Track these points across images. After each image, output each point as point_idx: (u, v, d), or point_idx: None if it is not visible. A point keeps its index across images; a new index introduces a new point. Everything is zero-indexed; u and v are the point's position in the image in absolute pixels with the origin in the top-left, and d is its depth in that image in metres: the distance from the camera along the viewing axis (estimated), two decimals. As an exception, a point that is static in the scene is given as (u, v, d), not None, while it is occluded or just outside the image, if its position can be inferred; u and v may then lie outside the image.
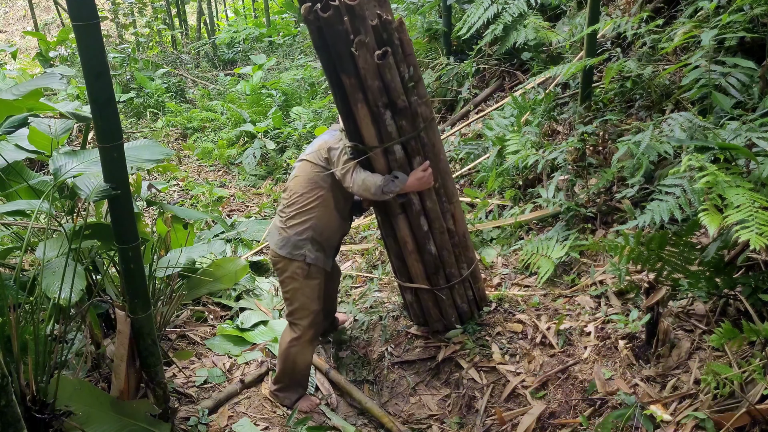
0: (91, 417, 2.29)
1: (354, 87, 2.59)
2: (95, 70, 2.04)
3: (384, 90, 2.60)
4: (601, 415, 2.46)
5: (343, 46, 2.49)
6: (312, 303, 2.90)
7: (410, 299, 3.29)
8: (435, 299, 3.18)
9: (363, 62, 2.51)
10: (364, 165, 2.75)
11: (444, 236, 3.00)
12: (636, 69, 3.61)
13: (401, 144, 2.73)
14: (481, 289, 3.30)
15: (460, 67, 5.51)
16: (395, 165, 2.76)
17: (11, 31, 14.46)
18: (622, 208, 3.31)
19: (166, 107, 8.36)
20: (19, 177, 2.82)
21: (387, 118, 2.65)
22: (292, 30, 10.03)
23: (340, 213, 2.88)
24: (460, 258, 3.13)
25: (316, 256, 2.84)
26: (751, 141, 2.42)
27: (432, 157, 2.83)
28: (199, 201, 5.82)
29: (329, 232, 2.87)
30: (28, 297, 2.36)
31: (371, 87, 2.58)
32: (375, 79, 2.56)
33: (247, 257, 4.38)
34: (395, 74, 2.60)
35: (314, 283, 2.89)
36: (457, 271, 3.12)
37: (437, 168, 2.88)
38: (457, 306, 3.22)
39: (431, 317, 3.24)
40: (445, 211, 2.99)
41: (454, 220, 3.05)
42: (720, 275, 2.45)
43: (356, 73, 2.55)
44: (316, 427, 2.86)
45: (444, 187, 2.96)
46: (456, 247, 3.08)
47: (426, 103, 2.80)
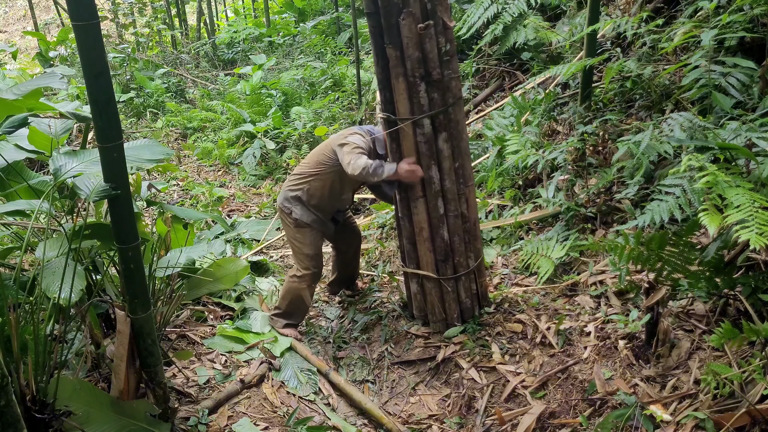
0: (91, 417, 2.28)
1: (397, 60, 2.80)
2: (95, 70, 2.04)
3: (422, 60, 2.80)
4: (601, 415, 2.46)
5: (393, 18, 2.73)
6: (304, 248, 3.40)
7: (415, 290, 3.30)
8: (440, 291, 3.19)
9: (407, 31, 2.73)
10: (391, 136, 2.98)
11: (458, 221, 3.11)
12: (636, 69, 3.61)
13: (430, 118, 2.90)
14: (484, 285, 3.31)
15: (460, 67, 5.51)
16: (422, 139, 2.93)
17: (11, 31, 14.46)
18: (622, 208, 3.31)
19: (166, 107, 8.36)
20: (19, 177, 2.82)
21: (421, 90, 2.84)
22: (292, 30, 10.03)
23: (332, 191, 3.33)
24: (470, 247, 3.18)
25: (301, 214, 3.36)
26: (751, 141, 2.43)
27: (456, 135, 2.99)
28: (199, 201, 5.83)
29: (317, 201, 3.35)
30: (28, 297, 2.36)
31: (411, 56, 2.78)
32: (416, 50, 2.77)
33: (247, 257, 4.38)
34: (434, 45, 2.80)
35: (304, 231, 3.38)
36: (465, 261, 3.17)
37: (459, 147, 3.02)
38: (461, 301, 3.22)
39: (433, 313, 3.25)
40: (461, 193, 3.09)
41: (468, 205, 3.15)
42: (720, 275, 2.45)
43: (400, 43, 2.77)
44: (316, 427, 2.86)
45: (462, 168, 3.07)
46: (467, 233, 3.16)
47: (457, 79, 2.96)
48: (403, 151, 3.00)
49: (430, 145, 2.94)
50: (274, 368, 3.23)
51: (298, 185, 3.35)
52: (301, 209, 3.36)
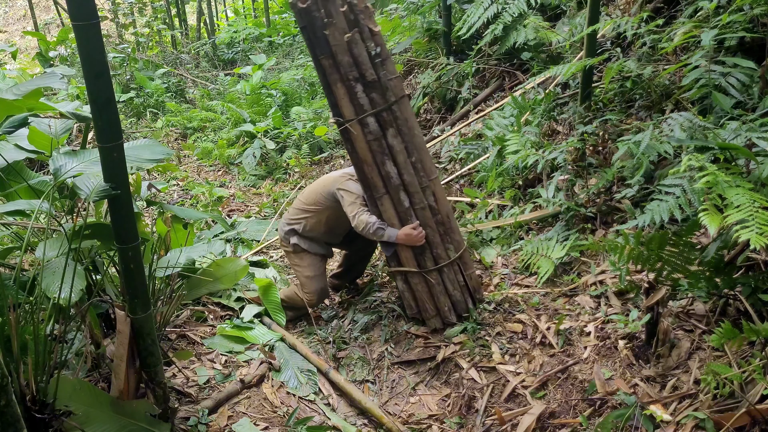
0: (91, 417, 2.28)
1: (331, 67, 3.01)
2: (95, 70, 2.04)
3: (354, 65, 3.00)
4: (601, 415, 2.46)
5: (319, 30, 2.96)
6: (304, 270, 3.61)
7: (402, 287, 3.33)
8: (426, 285, 3.23)
9: (333, 40, 2.95)
10: (345, 138, 3.16)
11: (426, 212, 3.19)
12: (636, 69, 3.61)
13: (374, 116, 3.06)
14: (473, 278, 3.32)
15: (460, 67, 5.51)
16: (371, 137, 3.08)
17: (11, 31, 14.46)
18: (622, 208, 3.31)
19: (166, 107, 8.36)
20: (19, 177, 2.82)
21: (359, 91, 3.02)
22: (292, 30, 10.03)
23: (329, 228, 3.54)
24: (446, 239, 3.24)
25: (298, 241, 3.57)
26: (751, 141, 2.43)
27: (406, 131, 3.13)
28: (199, 201, 5.83)
29: (314, 235, 3.57)
30: (28, 297, 2.36)
31: (342, 62, 2.98)
32: (345, 55, 2.98)
33: (247, 257, 4.38)
34: (362, 49, 3.00)
35: (302, 255, 3.60)
36: (444, 253, 3.23)
37: (412, 143, 3.16)
38: (450, 294, 3.25)
39: (425, 310, 3.26)
40: (425, 186, 3.19)
41: (436, 198, 3.24)
42: (720, 275, 2.45)
43: (330, 52, 2.98)
44: (316, 427, 2.86)
45: (421, 162, 3.18)
46: (440, 225, 3.23)
47: (396, 80, 3.11)
48: (357, 150, 3.12)
49: (380, 142, 3.08)
50: (274, 368, 3.23)
51: (297, 220, 3.56)
52: (297, 238, 3.58)
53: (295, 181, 6.22)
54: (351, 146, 3.14)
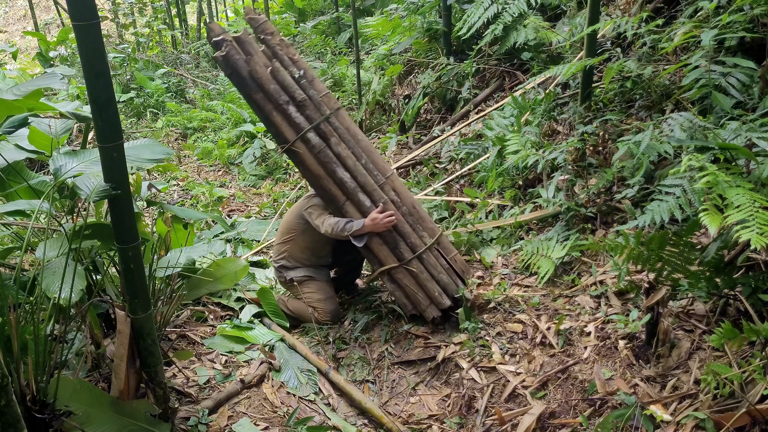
0: (91, 417, 2.28)
1: (263, 99, 3.25)
2: (95, 70, 2.04)
3: (281, 89, 3.24)
4: (601, 415, 2.46)
5: (244, 71, 3.23)
6: (314, 294, 3.62)
7: (392, 288, 3.37)
8: (411, 276, 3.28)
9: (257, 73, 3.22)
10: (296, 160, 3.36)
11: (389, 206, 3.33)
12: (636, 69, 3.61)
13: (313, 130, 3.27)
14: (458, 261, 3.38)
15: (460, 67, 5.51)
16: (316, 150, 3.26)
17: (11, 31, 14.46)
18: (622, 208, 3.31)
19: (166, 107, 8.36)
20: (19, 177, 2.82)
21: (292, 112, 3.25)
22: (292, 30, 10.03)
23: (311, 250, 3.61)
24: (417, 227, 3.34)
25: (294, 274, 3.63)
26: (751, 141, 2.42)
27: (350, 138, 3.35)
28: (199, 201, 5.83)
29: (301, 262, 3.64)
30: (28, 297, 2.36)
31: (270, 90, 3.22)
32: (271, 83, 3.23)
33: (247, 257, 4.38)
34: (285, 75, 3.27)
35: (306, 284, 3.63)
36: (419, 241, 3.31)
37: (359, 147, 3.37)
38: (436, 278, 3.29)
39: (419, 302, 3.28)
40: (381, 183, 3.37)
41: (397, 192, 3.40)
42: (720, 275, 2.45)
43: (258, 85, 3.23)
44: (316, 427, 2.86)
45: (372, 163, 3.38)
46: (407, 216, 3.35)
47: (327, 96, 3.37)
48: (309, 168, 3.29)
49: (326, 152, 3.27)
50: (274, 368, 3.23)
51: (280, 254, 3.67)
52: (292, 271, 3.66)
53: (295, 181, 6.22)
54: (303, 167, 3.33)
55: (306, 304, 3.63)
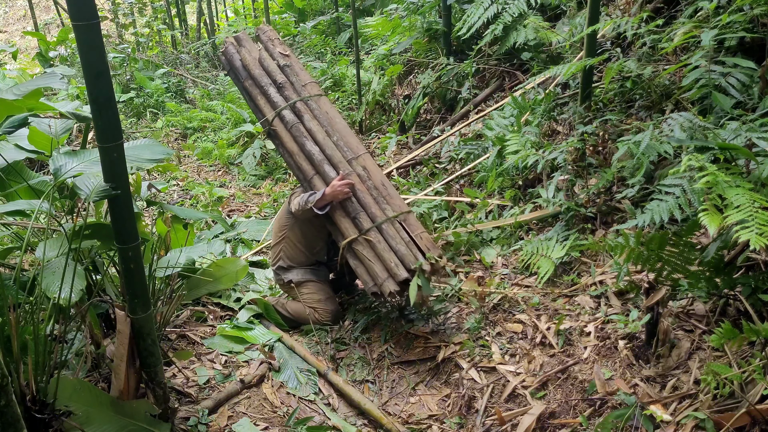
0: (91, 417, 2.28)
1: (251, 85, 3.64)
2: (95, 70, 2.04)
3: (265, 74, 3.63)
4: (601, 415, 2.46)
5: (237, 62, 3.71)
6: (313, 295, 3.62)
7: (354, 264, 3.37)
8: (370, 247, 3.27)
9: (246, 60, 3.66)
10: (274, 139, 3.62)
11: (354, 178, 3.39)
12: (636, 69, 3.60)
13: (290, 108, 3.53)
14: (424, 238, 3.34)
15: (460, 67, 5.51)
16: (289, 125, 3.49)
17: (11, 31, 14.46)
18: (622, 208, 3.31)
19: (166, 107, 8.36)
20: (19, 177, 2.82)
21: (272, 93, 3.57)
22: (292, 30, 10.03)
23: (304, 246, 3.62)
24: (380, 201, 3.37)
25: (292, 275, 3.65)
26: (751, 141, 2.42)
27: (323, 118, 3.55)
28: (199, 201, 5.83)
29: (297, 261, 3.65)
30: (28, 297, 2.36)
31: (256, 74, 3.62)
32: (257, 68, 3.64)
33: (247, 257, 4.38)
34: (271, 62, 3.67)
35: (305, 285, 3.63)
36: (380, 212, 3.34)
37: (332, 127, 3.53)
38: (394, 249, 3.26)
39: (377, 275, 3.23)
40: (350, 159, 3.46)
41: (366, 169, 3.47)
42: (720, 275, 2.45)
43: (248, 72, 3.65)
44: (316, 427, 2.86)
45: (344, 141, 3.51)
46: (373, 190, 3.40)
47: (312, 85, 3.66)
48: (285, 145, 3.51)
49: (298, 127, 3.49)
50: (273, 368, 3.23)
51: (276, 256, 3.69)
52: (290, 273, 3.66)
53: (295, 181, 6.22)
54: (279, 142, 3.56)
55: (306, 306, 3.62)
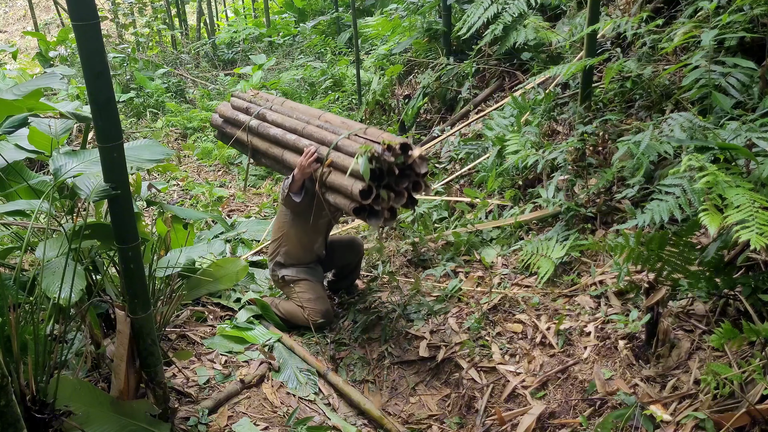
0: (91, 417, 2.28)
1: (230, 127, 3.83)
2: (95, 70, 2.04)
3: (236, 110, 3.85)
4: (601, 415, 2.46)
5: (218, 120, 3.95)
6: (304, 294, 3.60)
7: (332, 198, 3.23)
8: (335, 168, 3.16)
9: (221, 111, 3.90)
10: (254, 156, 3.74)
11: (311, 128, 3.38)
12: (636, 69, 3.61)
13: (255, 118, 3.65)
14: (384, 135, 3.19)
15: (460, 67, 5.51)
16: (256, 131, 3.59)
17: (11, 31, 14.46)
18: (622, 208, 3.31)
19: (166, 107, 8.36)
20: (19, 177, 2.82)
21: (241, 116, 3.76)
22: (292, 30, 10.04)
23: (303, 243, 3.60)
24: (339, 132, 3.27)
25: (287, 272, 3.63)
26: (751, 141, 2.42)
27: (287, 109, 3.59)
28: (199, 201, 5.82)
29: (296, 259, 3.63)
30: (28, 297, 2.36)
31: (229, 115, 3.86)
32: (229, 111, 3.87)
33: (247, 257, 4.38)
34: (239, 101, 3.87)
35: (298, 283, 3.62)
36: (336, 137, 3.27)
37: (295, 111, 3.56)
38: (353, 152, 3.08)
39: (345, 186, 3.09)
40: (308, 120, 3.46)
41: (327, 120, 3.43)
42: (720, 275, 2.45)
43: (224, 120, 3.88)
44: (316, 427, 2.86)
45: (304, 113, 3.53)
46: (332, 129, 3.31)
47: (277, 98, 3.84)
48: (260, 149, 3.59)
49: (263, 125, 3.56)
50: (273, 368, 3.23)
51: (275, 252, 3.66)
52: (286, 269, 3.64)
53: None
54: (258, 152, 3.65)
55: (296, 304, 3.61)
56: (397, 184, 3.12)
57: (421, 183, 3.17)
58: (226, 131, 3.87)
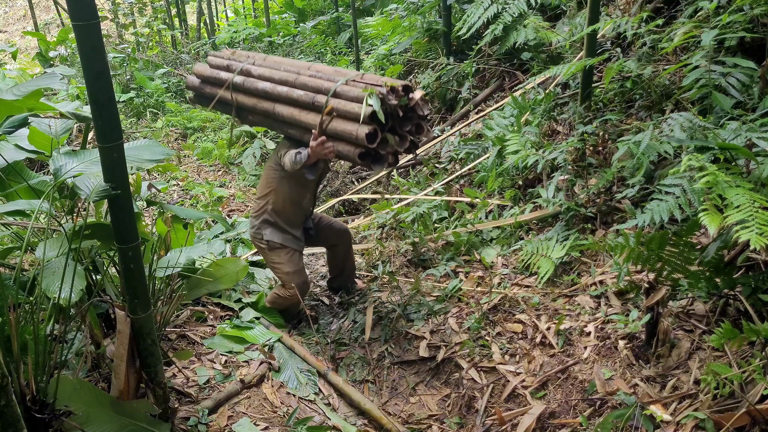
0: (91, 417, 2.28)
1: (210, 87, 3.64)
2: (95, 70, 2.04)
3: (216, 69, 3.64)
4: (601, 415, 2.46)
5: (194, 80, 3.76)
6: (283, 266, 3.51)
7: (336, 146, 3.18)
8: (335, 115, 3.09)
9: (198, 70, 3.70)
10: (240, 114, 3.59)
11: (303, 77, 3.30)
12: (636, 69, 3.61)
13: (238, 74, 3.48)
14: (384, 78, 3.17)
15: (460, 67, 5.51)
16: (242, 88, 3.44)
17: (11, 31, 14.46)
18: (622, 208, 3.31)
19: (166, 107, 8.36)
20: (19, 177, 2.82)
21: (223, 75, 3.56)
22: (292, 30, 10.03)
23: (292, 199, 3.46)
24: (333, 79, 3.17)
25: (271, 235, 3.50)
26: (751, 141, 2.43)
27: (275, 63, 3.47)
28: (199, 201, 5.83)
29: (284, 216, 3.49)
30: (28, 297, 2.36)
31: (207, 74, 3.64)
32: (207, 71, 3.65)
33: (247, 257, 4.38)
34: (218, 60, 3.69)
35: (279, 252, 3.52)
36: (332, 84, 3.19)
37: (280, 65, 3.45)
38: (354, 97, 3.03)
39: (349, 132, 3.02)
40: (298, 71, 3.35)
41: (318, 71, 3.35)
42: (720, 275, 2.45)
43: (202, 80, 3.68)
44: (316, 427, 2.86)
45: (292, 66, 3.44)
46: (325, 77, 3.23)
47: (259, 53, 3.73)
48: (248, 105, 3.46)
49: (249, 80, 3.42)
50: (273, 368, 3.23)
51: (261, 209, 3.51)
52: (270, 231, 3.50)
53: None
54: (245, 109, 3.52)
55: (274, 274, 3.57)
56: (401, 127, 3.08)
57: (423, 126, 3.15)
58: (205, 92, 3.67)
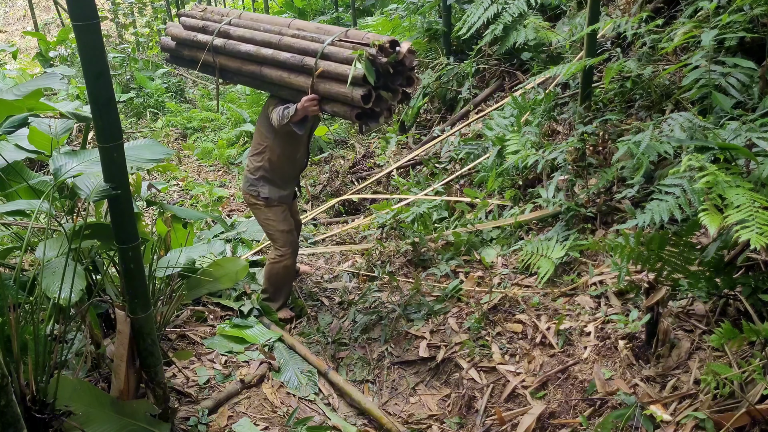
0: (91, 417, 2.28)
1: (189, 49, 3.63)
2: (95, 70, 2.04)
3: (191, 30, 3.60)
4: (601, 415, 2.46)
5: (170, 43, 3.78)
6: (279, 224, 3.54)
7: (329, 107, 3.22)
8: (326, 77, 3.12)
9: (172, 32, 3.71)
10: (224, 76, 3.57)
11: (286, 38, 3.30)
12: (636, 69, 3.60)
13: (217, 37, 3.45)
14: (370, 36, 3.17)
15: (460, 67, 5.51)
16: (223, 51, 3.41)
17: (11, 31, 14.45)
18: (622, 208, 3.31)
19: (166, 107, 8.36)
20: (19, 177, 2.82)
21: (201, 37, 3.52)
22: (292, 30, 10.02)
23: (286, 153, 3.47)
24: (318, 39, 3.19)
25: (269, 191, 3.51)
26: (751, 141, 2.42)
27: (249, 20, 3.46)
28: (199, 201, 5.83)
29: (279, 171, 3.50)
30: (28, 297, 2.36)
31: (183, 36, 3.61)
32: (182, 32, 3.63)
33: (247, 257, 4.38)
34: (191, 20, 3.64)
35: (276, 209, 3.54)
36: (319, 45, 3.19)
37: (259, 22, 3.43)
38: (344, 59, 3.05)
39: (344, 94, 3.07)
40: (279, 30, 3.34)
41: (300, 28, 3.34)
42: (720, 275, 2.45)
43: (179, 43, 3.67)
44: (316, 427, 2.86)
45: (271, 23, 3.43)
46: (308, 36, 3.25)
47: (234, 11, 3.65)
48: (232, 68, 3.44)
49: (230, 42, 3.39)
50: (273, 368, 3.23)
51: (257, 165, 3.49)
52: (268, 187, 3.51)
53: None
54: (230, 73, 3.50)
55: (266, 232, 3.62)
56: (393, 82, 3.13)
57: (413, 77, 3.22)
58: (183, 54, 3.65)
